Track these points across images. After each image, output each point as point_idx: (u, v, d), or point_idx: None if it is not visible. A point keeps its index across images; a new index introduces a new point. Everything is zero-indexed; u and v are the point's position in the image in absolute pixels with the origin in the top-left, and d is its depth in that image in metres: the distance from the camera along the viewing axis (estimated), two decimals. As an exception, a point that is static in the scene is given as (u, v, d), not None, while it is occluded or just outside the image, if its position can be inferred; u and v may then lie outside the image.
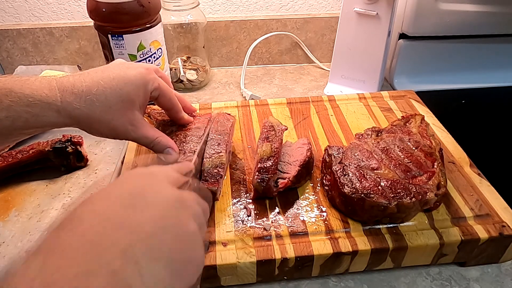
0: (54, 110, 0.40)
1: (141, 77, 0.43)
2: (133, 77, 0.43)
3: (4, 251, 0.49)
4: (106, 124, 0.42)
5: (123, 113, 0.43)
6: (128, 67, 0.44)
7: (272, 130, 0.53)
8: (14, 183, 0.58)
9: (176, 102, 0.49)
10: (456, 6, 0.77)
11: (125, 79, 0.42)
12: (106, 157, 0.64)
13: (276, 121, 0.56)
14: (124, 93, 0.42)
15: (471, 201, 0.49)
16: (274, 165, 0.49)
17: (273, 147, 0.50)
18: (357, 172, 0.47)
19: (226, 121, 0.55)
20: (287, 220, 0.47)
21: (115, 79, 0.42)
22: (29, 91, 0.39)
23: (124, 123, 0.43)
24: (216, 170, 0.48)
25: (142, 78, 0.44)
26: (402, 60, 0.83)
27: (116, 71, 0.43)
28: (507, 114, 0.80)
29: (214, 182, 0.47)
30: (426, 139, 0.53)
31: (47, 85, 0.40)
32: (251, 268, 0.43)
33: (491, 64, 0.88)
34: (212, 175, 0.48)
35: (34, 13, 0.83)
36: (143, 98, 0.44)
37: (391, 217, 0.45)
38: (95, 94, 0.41)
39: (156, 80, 0.45)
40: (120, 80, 0.42)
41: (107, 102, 0.41)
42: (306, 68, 0.93)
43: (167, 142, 0.47)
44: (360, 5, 0.72)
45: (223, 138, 0.52)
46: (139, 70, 0.44)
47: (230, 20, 0.87)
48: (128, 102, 0.43)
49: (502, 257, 0.47)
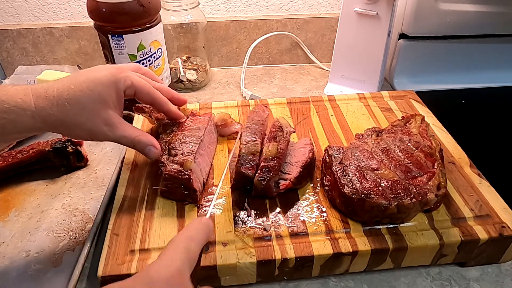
0: (29, 116, 0.40)
1: (111, 76, 0.44)
2: (103, 77, 0.43)
3: (4, 251, 0.49)
4: (81, 126, 0.43)
5: (96, 114, 0.43)
6: (99, 69, 0.45)
7: (280, 131, 0.53)
8: (14, 183, 0.58)
9: (158, 96, 0.49)
10: (456, 6, 0.77)
11: (95, 80, 0.43)
12: (106, 157, 0.63)
13: (286, 123, 0.56)
14: (95, 94, 0.42)
15: (471, 201, 0.49)
16: (278, 165, 0.49)
17: (279, 148, 0.50)
18: (357, 172, 0.47)
19: (262, 112, 0.58)
20: (287, 220, 0.47)
21: (85, 81, 0.43)
22: (5, 97, 0.39)
23: (99, 124, 0.43)
24: (251, 156, 0.50)
25: (112, 77, 0.44)
26: (402, 60, 0.83)
27: (87, 74, 0.44)
28: (507, 114, 0.80)
29: (250, 168, 0.49)
30: (426, 139, 0.53)
31: (23, 92, 0.41)
32: (251, 269, 0.43)
33: (491, 64, 0.88)
34: (247, 161, 0.49)
35: (34, 13, 0.83)
36: (116, 97, 0.45)
37: (391, 217, 0.45)
38: (66, 98, 0.41)
39: (128, 78, 0.45)
40: (90, 82, 0.43)
41: (78, 105, 0.42)
42: (306, 68, 0.93)
43: (147, 139, 0.47)
44: (360, 5, 0.72)
45: (259, 128, 0.54)
46: (109, 71, 0.44)
47: (230, 20, 0.87)
48: (100, 102, 0.43)
49: (502, 257, 0.47)
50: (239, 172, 0.49)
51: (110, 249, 0.43)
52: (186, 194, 0.48)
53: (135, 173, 0.53)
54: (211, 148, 0.56)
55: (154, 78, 0.52)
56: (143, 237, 0.45)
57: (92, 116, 0.43)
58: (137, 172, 0.54)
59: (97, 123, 0.43)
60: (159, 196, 0.50)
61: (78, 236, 0.51)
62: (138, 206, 0.49)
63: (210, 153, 0.55)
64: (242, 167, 0.49)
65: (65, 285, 0.44)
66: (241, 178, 0.49)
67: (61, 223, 0.52)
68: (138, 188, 0.51)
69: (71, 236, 0.51)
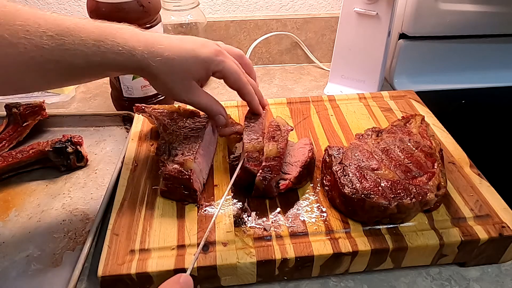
0: (134, 61, 0.45)
1: (208, 57, 0.49)
2: (203, 55, 0.48)
3: (4, 251, 0.49)
4: (166, 85, 0.48)
5: (181, 80, 0.48)
6: (203, 44, 0.50)
7: (278, 130, 0.53)
8: (14, 183, 0.58)
9: (244, 85, 0.52)
10: (456, 6, 0.77)
11: (193, 55, 0.48)
12: (106, 157, 0.63)
13: (283, 121, 0.56)
14: (188, 65, 0.48)
15: (471, 201, 0.49)
16: (279, 165, 0.49)
17: (279, 147, 0.50)
18: (357, 172, 0.47)
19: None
20: (287, 220, 0.47)
21: (187, 51, 0.48)
22: (121, 40, 0.44)
23: (180, 89, 0.49)
24: (256, 154, 0.50)
25: (209, 58, 0.49)
26: (402, 60, 0.83)
27: (190, 46, 0.48)
28: (507, 114, 0.80)
29: (256, 165, 0.49)
30: (426, 139, 0.53)
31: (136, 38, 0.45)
32: (251, 269, 0.43)
33: (491, 64, 0.88)
34: (253, 158, 0.50)
35: (34, 13, 0.83)
36: (205, 75, 0.50)
37: (391, 217, 0.45)
38: (166, 58, 0.46)
39: (221, 64, 0.49)
40: (189, 54, 0.48)
41: (172, 68, 0.47)
42: (306, 68, 0.93)
43: (218, 109, 0.52)
44: (360, 5, 0.72)
45: (259, 127, 0.54)
46: (210, 50, 0.49)
47: (230, 20, 0.87)
48: (189, 73, 0.48)
49: (502, 257, 0.47)
50: (245, 168, 0.49)
51: (110, 249, 0.43)
52: (186, 194, 0.48)
53: (135, 173, 0.53)
54: (211, 148, 0.56)
55: (251, 71, 0.56)
56: (143, 237, 0.45)
57: (177, 80, 0.48)
58: (137, 172, 0.54)
59: (179, 87, 0.49)
60: (159, 196, 0.50)
61: (78, 236, 0.51)
62: (138, 206, 0.49)
63: (210, 153, 0.55)
64: (248, 163, 0.49)
65: (65, 285, 0.44)
66: (246, 175, 0.49)
67: (61, 223, 0.52)
68: (138, 188, 0.51)
69: (71, 236, 0.51)
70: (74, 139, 0.59)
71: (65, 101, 0.77)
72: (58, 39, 0.40)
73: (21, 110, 0.63)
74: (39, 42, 0.39)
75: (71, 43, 0.41)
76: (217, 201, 0.49)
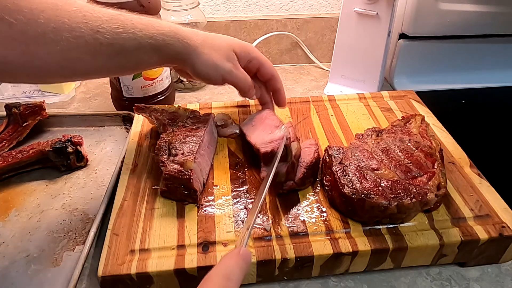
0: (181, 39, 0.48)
1: (245, 44, 0.54)
2: (239, 40, 0.54)
3: (4, 251, 0.49)
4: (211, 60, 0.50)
5: (225, 51, 0.51)
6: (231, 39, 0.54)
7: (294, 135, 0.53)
8: (14, 183, 0.58)
9: (277, 74, 0.57)
10: (456, 6, 0.77)
11: (231, 41, 0.53)
12: (106, 157, 0.64)
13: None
14: (228, 40, 0.53)
15: (471, 201, 0.49)
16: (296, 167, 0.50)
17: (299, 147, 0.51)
18: (357, 172, 0.47)
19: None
20: (287, 220, 0.47)
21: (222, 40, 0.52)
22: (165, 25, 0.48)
23: (224, 61, 0.51)
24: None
25: (246, 44, 0.54)
26: (402, 60, 0.83)
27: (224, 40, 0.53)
28: (507, 114, 0.80)
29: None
30: (426, 139, 0.53)
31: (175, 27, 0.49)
32: (251, 269, 0.43)
33: (491, 64, 0.88)
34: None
35: (34, 13, 0.83)
36: (244, 54, 0.53)
37: (391, 217, 0.45)
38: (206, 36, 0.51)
39: (258, 53, 0.54)
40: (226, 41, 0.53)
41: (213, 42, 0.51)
42: (306, 68, 0.93)
43: (250, 84, 0.54)
44: (360, 5, 0.72)
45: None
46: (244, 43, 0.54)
47: (230, 20, 0.87)
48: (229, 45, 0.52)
49: (502, 257, 0.47)
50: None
51: (110, 249, 0.43)
52: (186, 194, 0.48)
53: (135, 173, 0.53)
54: (211, 148, 0.56)
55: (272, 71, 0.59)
56: (143, 237, 0.45)
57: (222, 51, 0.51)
58: (137, 172, 0.54)
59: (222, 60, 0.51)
60: (159, 196, 0.50)
61: (78, 236, 0.51)
62: (138, 206, 0.49)
63: (210, 153, 0.55)
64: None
65: (65, 285, 0.44)
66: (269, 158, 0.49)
67: (61, 223, 0.52)
68: (138, 188, 0.51)
69: (71, 236, 0.51)
70: (74, 139, 0.59)
71: (65, 101, 0.77)
72: (111, 23, 0.43)
73: (21, 110, 0.63)
74: (95, 25, 0.41)
75: (123, 26, 0.44)
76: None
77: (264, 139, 0.51)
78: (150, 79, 0.70)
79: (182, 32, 0.48)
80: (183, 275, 0.42)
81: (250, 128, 0.56)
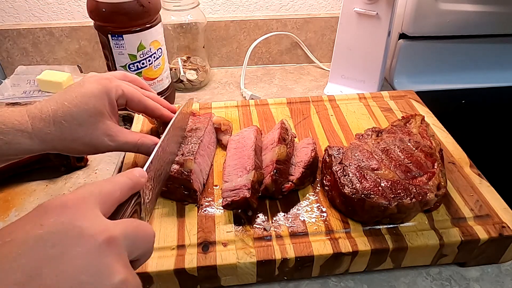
0: (27, 137, 0.40)
1: (102, 88, 0.44)
2: (95, 90, 0.44)
3: (4, 251, 0.48)
4: (81, 141, 0.43)
5: (94, 126, 0.43)
6: (89, 81, 0.45)
7: (287, 134, 0.53)
8: (14, 183, 0.58)
9: (149, 103, 0.49)
10: (456, 6, 0.77)
11: (87, 94, 0.43)
12: (106, 157, 0.63)
13: (289, 125, 0.56)
14: (90, 107, 0.43)
15: (471, 201, 0.49)
16: (287, 169, 0.49)
17: (288, 152, 0.50)
18: (357, 172, 0.47)
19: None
20: (287, 220, 0.47)
21: (77, 96, 0.43)
22: (1, 119, 0.40)
23: (99, 136, 0.44)
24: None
25: (104, 88, 0.44)
26: (402, 60, 0.84)
27: (78, 89, 0.44)
28: (507, 114, 0.80)
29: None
30: (426, 139, 0.53)
31: (18, 113, 0.41)
32: (251, 269, 0.43)
33: (491, 64, 0.88)
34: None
35: (34, 13, 0.83)
36: (110, 107, 0.45)
37: (391, 217, 0.45)
38: (62, 115, 0.42)
39: (120, 87, 0.46)
40: (83, 96, 0.43)
41: (75, 121, 0.42)
42: (306, 68, 0.93)
43: (151, 140, 0.47)
44: (360, 5, 0.72)
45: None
46: (99, 82, 0.45)
47: (230, 20, 0.87)
48: (97, 115, 0.43)
49: (502, 257, 0.47)
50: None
51: (110, 249, 0.43)
52: (186, 194, 0.48)
53: (135, 173, 0.53)
54: (211, 149, 0.56)
55: (143, 85, 0.52)
56: (143, 237, 0.45)
57: (91, 129, 0.43)
58: (137, 172, 0.54)
59: (96, 135, 0.44)
60: (159, 196, 0.50)
61: (78, 236, 0.50)
62: (138, 206, 0.49)
63: (210, 153, 0.55)
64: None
65: (65, 285, 0.44)
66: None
67: (61, 223, 0.52)
68: (138, 188, 0.51)
69: (71, 236, 0.50)
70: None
71: (65, 101, 0.77)
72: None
73: (21, 110, 0.63)
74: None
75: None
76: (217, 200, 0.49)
77: (231, 183, 0.49)
78: (150, 79, 0.70)
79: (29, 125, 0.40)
80: (183, 275, 0.42)
81: (232, 151, 0.54)
